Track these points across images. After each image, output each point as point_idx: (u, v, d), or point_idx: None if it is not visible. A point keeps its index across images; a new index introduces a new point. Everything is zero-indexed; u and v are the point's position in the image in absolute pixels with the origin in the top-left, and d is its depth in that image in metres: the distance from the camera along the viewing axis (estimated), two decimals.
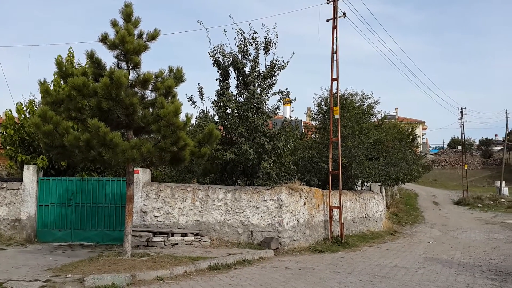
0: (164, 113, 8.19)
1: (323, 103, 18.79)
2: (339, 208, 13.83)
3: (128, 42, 8.69)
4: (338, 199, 13.99)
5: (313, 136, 19.47)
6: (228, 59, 12.71)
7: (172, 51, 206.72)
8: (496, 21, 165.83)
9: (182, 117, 8.72)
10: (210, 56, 12.73)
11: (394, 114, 61.25)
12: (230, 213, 11.74)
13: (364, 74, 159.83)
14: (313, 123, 21.52)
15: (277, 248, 11.24)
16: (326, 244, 12.93)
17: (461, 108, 41.12)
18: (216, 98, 12.76)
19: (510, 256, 12.46)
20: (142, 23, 9.71)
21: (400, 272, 9.47)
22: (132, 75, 9.10)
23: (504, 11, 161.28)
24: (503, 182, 37.83)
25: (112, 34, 8.97)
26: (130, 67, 9.08)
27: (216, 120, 12.72)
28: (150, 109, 9.27)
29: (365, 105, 20.62)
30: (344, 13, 14.02)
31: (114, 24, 9.05)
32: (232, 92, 12.84)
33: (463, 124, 41.17)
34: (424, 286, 8.21)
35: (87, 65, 11.10)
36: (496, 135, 74.37)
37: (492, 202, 32.86)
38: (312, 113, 21.43)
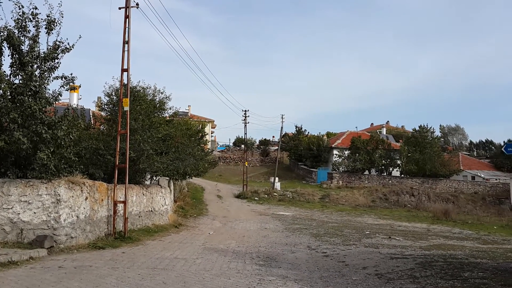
0: None
1: (113, 93, 18.06)
2: (124, 202, 13.54)
3: None
4: (124, 193, 13.68)
5: (102, 127, 18.57)
6: (2, 34, 11.06)
7: None
8: (280, 32, 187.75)
9: None
10: None
11: (187, 111, 63.43)
12: None
13: (161, 69, 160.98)
14: (103, 113, 20.52)
15: (51, 247, 10.34)
16: (108, 240, 12.50)
17: (245, 111, 45.02)
18: None
19: (276, 243, 14.27)
20: None
21: (179, 263, 9.83)
22: None
23: (287, 24, 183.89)
24: (277, 178, 42.85)
25: None
26: None
27: None
28: None
29: (157, 99, 20.65)
30: (137, 4, 13.75)
31: None
32: (5, 71, 11.20)
33: (246, 125, 45.19)
34: (200, 275, 8.70)
35: None
36: (273, 137, 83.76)
37: (266, 195, 37.04)
38: (102, 103, 20.35)
